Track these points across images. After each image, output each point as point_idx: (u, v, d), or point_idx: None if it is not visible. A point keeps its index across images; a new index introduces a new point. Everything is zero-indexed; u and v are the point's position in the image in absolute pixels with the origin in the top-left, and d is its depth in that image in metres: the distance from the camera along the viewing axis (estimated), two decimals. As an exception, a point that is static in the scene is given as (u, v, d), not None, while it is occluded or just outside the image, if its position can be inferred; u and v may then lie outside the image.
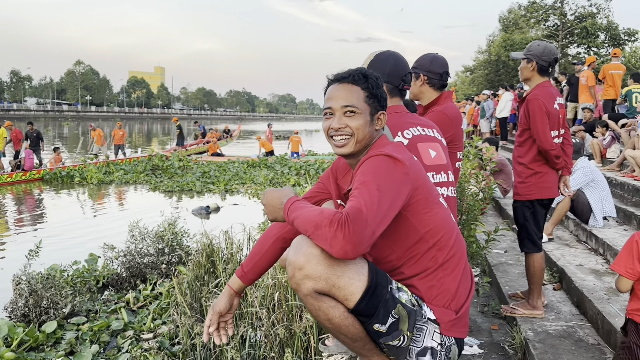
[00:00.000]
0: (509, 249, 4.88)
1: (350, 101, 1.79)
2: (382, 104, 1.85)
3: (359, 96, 1.80)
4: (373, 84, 1.82)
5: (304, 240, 1.65)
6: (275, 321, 3.13)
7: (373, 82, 1.82)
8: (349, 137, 1.81)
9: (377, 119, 1.84)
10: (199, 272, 4.24)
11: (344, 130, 1.80)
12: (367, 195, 1.59)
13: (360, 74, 1.83)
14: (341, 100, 1.80)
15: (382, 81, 1.86)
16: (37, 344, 3.98)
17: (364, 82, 1.81)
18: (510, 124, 15.59)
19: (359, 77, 1.82)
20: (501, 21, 45.35)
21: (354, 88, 1.81)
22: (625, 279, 2.10)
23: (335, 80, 1.85)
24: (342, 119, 1.80)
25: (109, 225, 9.03)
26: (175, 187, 13.13)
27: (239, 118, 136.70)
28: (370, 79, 1.82)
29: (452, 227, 1.81)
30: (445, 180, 2.16)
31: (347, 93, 1.81)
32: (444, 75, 2.66)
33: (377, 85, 1.83)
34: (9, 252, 7.41)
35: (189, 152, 21.65)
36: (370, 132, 1.82)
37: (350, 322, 1.67)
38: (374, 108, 1.82)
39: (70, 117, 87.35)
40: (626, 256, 2.10)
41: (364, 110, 1.80)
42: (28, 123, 17.09)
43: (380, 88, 1.83)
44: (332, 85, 1.86)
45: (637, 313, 2.10)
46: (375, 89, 1.82)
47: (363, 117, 1.80)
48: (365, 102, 1.80)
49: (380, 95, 1.83)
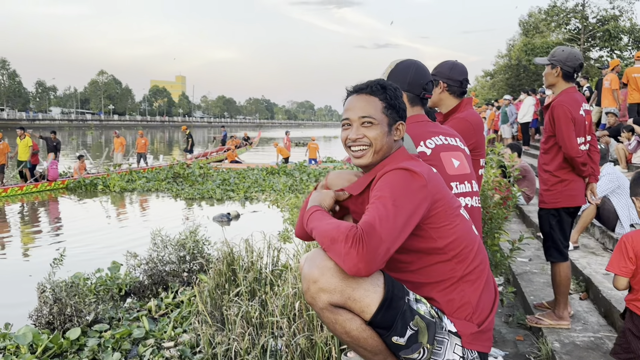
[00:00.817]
0: (533, 258, 4.80)
1: (368, 112, 1.80)
2: (401, 114, 1.84)
3: (376, 107, 1.80)
4: (391, 95, 1.82)
5: (318, 253, 1.65)
6: (296, 331, 3.11)
7: (391, 93, 1.82)
8: (366, 148, 1.81)
9: (395, 129, 1.83)
10: (219, 281, 4.25)
11: (362, 141, 1.81)
12: (382, 211, 1.58)
13: (379, 84, 1.83)
14: (359, 110, 1.81)
15: (400, 92, 1.86)
16: (61, 350, 4.02)
17: (382, 93, 1.81)
18: (532, 129, 15.39)
19: (377, 88, 1.82)
20: (521, 25, 44.89)
21: (371, 99, 1.81)
22: (620, 277, 2.30)
23: (354, 91, 1.86)
24: (359, 130, 1.81)
25: (132, 233, 9.12)
26: (195, 194, 13.24)
27: (258, 125, 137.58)
28: (388, 89, 1.82)
29: (473, 240, 1.78)
30: (469, 190, 2.12)
31: (364, 104, 1.81)
32: (464, 83, 2.63)
33: (396, 96, 1.83)
34: (34, 259, 7.53)
35: (209, 160, 21.82)
36: (389, 142, 1.82)
37: (369, 334, 1.65)
38: (392, 119, 1.82)
39: (93, 126, 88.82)
40: (618, 256, 2.31)
41: (382, 120, 1.80)
42: (51, 132, 17.33)
43: (398, 99, 1.83)
44: (350, 96, 1.87)
45: (633, 303, 2.31)
46: (394, 100, 1.82)
47: (380, 128, 1.80)
48: (383, 112, 1.80)
49: (398, 106, 1.83)
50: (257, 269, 4.25)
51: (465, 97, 2.66)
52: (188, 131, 23.61)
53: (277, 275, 4.25)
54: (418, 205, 1.63)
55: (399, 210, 1.59)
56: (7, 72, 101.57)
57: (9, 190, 13.42)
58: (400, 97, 1.84)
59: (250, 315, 3.51)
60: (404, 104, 1.86)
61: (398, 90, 1.85)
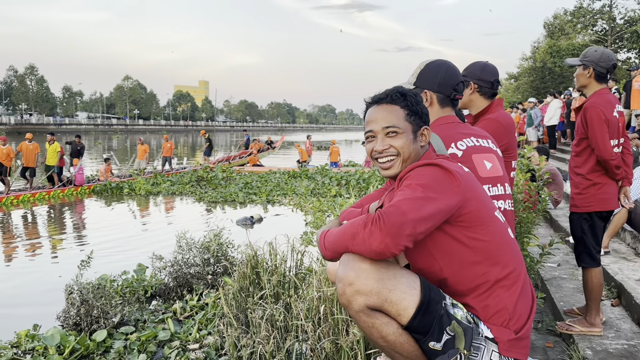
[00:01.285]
0: (562, 263, 4.69)
1: (391, 121, 1.77)
2: (424, 119, 1.81)
3: (399, 115, 1.77)
4: (412, 101, 1.79)
5: (352, 255, 1.61)
6: (321, 335, 3.08)
7: (412, 99, 1.79)
8: (394, 158, 1.78)
9: (420, 135, 1.80)
10: (244, 283, 4.25)
11: (389, 151, 1.78)
12: (408, 193, 1.56)
13: (398, 92, 1.80)
14: (381, 121, 1.78)
15: (421, 97, 1.83)
16: (88, 352, 4.07)
17: (402, 100, 1.78)
18: (559, 132, 15.13)
19: (396, 96, 1.79)
20: (546, 27, 44.29)
21: (393, 108, 1.78)
22: None
23: (374, 102, 1.83)
24: (384, 141, 1.78)
25: (157, 235, 9.22)
26: (219, 197, 13.35)
27: (279, 129, 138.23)
28: (408, 96, 1.79)
29: (507, 242, 1.72)
30: (502, 193, 2.07)
31: (386, 114, 1.78)
32: (495, 84, 2.58)
33: (417, 102, 1.80)
34: (63, 261, 7.65)
35: (232, 164, 21.98)
36: (415, 149, 1.79)
37: (405, 339, 1.61)
38: (415, 125, 1.79)
39: (119, 130, 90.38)
40: None
41: (406, 128, 1.77)
42: (76, 136, 17.61)
43: (419, 104, 1.80)
44: (370, 108, 1.84)
45: None
46: (415, 106, 1.79)
47: (406, 136, 1.77)
48: (406, 120, 1.78)
49: (420, 111, 1.80)
50: (281, 272, 4.24)
51: (496, 99, 2.61)
52: (207, 135, 23.94)
53: (301, 279, 4.24)
54: (447, 196, 1.59)
55: (427, 195, 1.56)
56: (35, 77, 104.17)
57: (37, 194, 13.72)
58: (421, 102, 1.82)
59: (275, 318, 3.50)
60: (425, 108, 1.83)
61: (418, 96, 1.82)
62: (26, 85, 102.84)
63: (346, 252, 1.63)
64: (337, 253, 1.67)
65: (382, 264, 1.60)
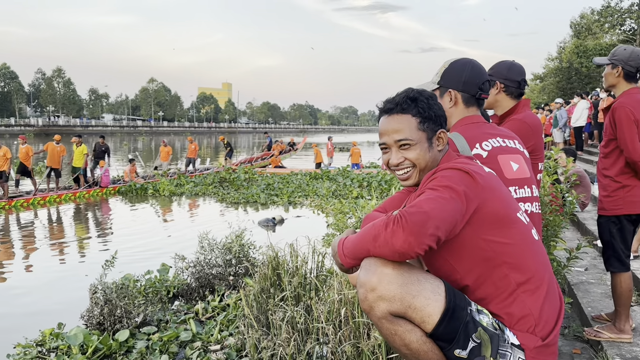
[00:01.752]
0: (589, 267, 4.58)
1: (404, 134, 1.72)
2: (440, 121, 1.75)
3: (411, 126, 1.72)
4: (424, 107, 1.72)
5: (373, 260, 1.56)
6: (342, 338, 3.06)
7: (424, 104, 1.72)
8: (410, 169, 1.75)
9: (437, 139, 1.75)
10: (265, 285, 4.24)
11: (404, 164, 1.74)
12: (428, 194, 1.53)
13: (408, 99, 1.73)
14: (394, 134, 1.74)
15: (434, 99, 1.76)
16: (110, 352, 4.10)
17: (413, 108, 1.72)
18: (586, 133, 14.83)
19: (407, 104, 1.73)
20: (572, 27, 43.50)
21: (404, 118, 1.73)
22: None
23: (385, 111, 1.77)
24: (398, 154, 1.74)
25: (180, 235, 9.30)
26: (241, 198, 13.42)
27: (301, 131, 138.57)
28: (419, 101, 1.73)
29: (530, 245, 1.66)
30: (528, 195, 2.01)
31: (398, 125, 1.73)
32: (522, 83, 2.52)
33: (429, 106, 1.73)
34: (89, 260, 7.77)
35: (255, 165, 22.09)
36: (432, 156, 1.74)
37: (429, 347, 1.55)
38: (430, 131, 1.73)
39: (144, 132, 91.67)
40: None
41: (420, 138, 1.72)
42: (100, 136, 17.87)
43: (433, 107, 1.73)
44: (382, 117, 1.79)
45: None
46: (428, 111, 1.72)
47: (420, 146, 1.72)
48: (419, 129, 1.72)
49: (435, 115, 1.73)
50: (302, 274, 4.22)
51: (523, 99, 2.55)
52: (226, 140, 24.28)
53: (322, 281, 4.21)
54: (468, 197, 1.54)
55: (448, 194, 1.52)
56: (62, 80, 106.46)
57: (63, 196, 13.99)
58: (434, 104, 1.74)
59: (296, 320, 3.48)
60: (440, 109, 1.76)
61: (431, 98, 1.75)
62: (54, 88, 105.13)
63: (367, 256, 1.58)
64: (357, 259, 1.62)
65: (405, 268, 1.55)
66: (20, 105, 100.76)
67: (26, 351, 4.15)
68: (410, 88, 1.80)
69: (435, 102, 1.76)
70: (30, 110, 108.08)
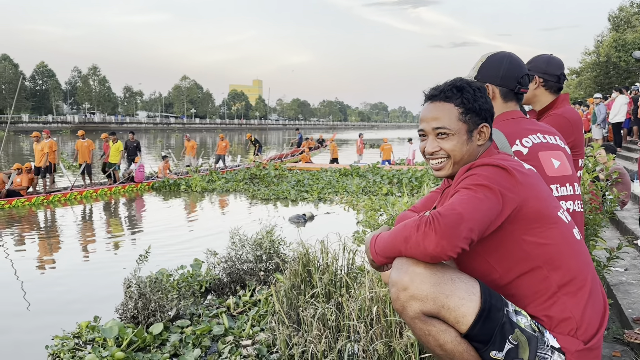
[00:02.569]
0: (630, 267, 4.43)
1: (442, 122, 1.66)
2: (484, 115, 1.68)
3: (451, 115, 1.66)
4: (469, 97, 1.66)
5: (406, 258, 1.53)
6: (373, 336, 3.03)
7: (469, 95, 1.66)
8: (444, 160, 1.69)
9: (478, 133, 1.68)
10: (295, 281, 4.25)
11: (439, 154, 1.69)
12: (464, 193, 1.48)
13: (454, 87, 1.67)
14: (432, 122, 1.68)
15: (483, 91, 1.69)
16: (145, 345, 4.17)
17: (457, 97, 1.66)
18: (625, 129, 14.38)
19: (451, 93, 1.67)
20: (611, 20, 42.17)
21: (446, 106, 1.67)
22: None
23: (428, 98, 1.73)
24: (434, 142, 1.69)
25: (211, 231, 9.40)
26: (271, 195, 13.49)
27: (331, 127, 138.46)
28: (465, 91, 1.66)
29: (571, 245, 1.59)
30: (570, 194, 1.94)
31: (438, 113, 1.67)
32: (561, 77, 2.44)
33: (475, 98, 1.66)
34: (123, 255, 7.93)
35: (285, 162, 22.18)
36: (470, 150, 1.67)
37: (464, 348, 1.51)
38: (472, 124, 1.67)
39: (176, 129, 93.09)
40: None
41: (459, 129, 1.66)
42: (129, 132, 18.03)
43: (479, 100, 1.67)
44: (425, 104, 1.74)
45: None
46: (472, 103, 1.65)
47: (457, 137, 1.66)
48: (459, 120, 1.66)
49: (480, 107, 1.66)
50: (333, 271, 4.21)
51: (562, 94, 2.47)
52: (253, 138, 24.53)
53: (353, 278, 4.19)
54: (505, 197, 1.49)
55: (484, 194, 1.47)
56: (98, 78, 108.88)
57: (99, 191, 14.33)
58: (481, 97, 1.68)
59: (327, 317, 3.47)
60: (487, 102, 1.68)
61: (478, 90, 1.68)
62: (89, 86, 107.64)
63: (399, 256, 1.56)
64: (388, 258, 1.60)
65: (438, 268, 1.51)
66: (57, 103, 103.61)
67: (64, 343, 4.25)
68: (460, 77, 1.75)
69: (483, 94, 1.70)
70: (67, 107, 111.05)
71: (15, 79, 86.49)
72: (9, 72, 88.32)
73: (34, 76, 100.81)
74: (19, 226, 10.46)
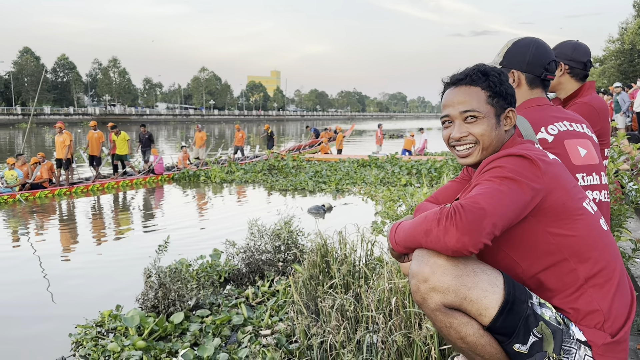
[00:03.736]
0: (655, 259, 4.33)
1: (470, 105, 1.62)
2: (509, 100, 1.64)
3: (479, 98, 1.62)
4: (495, 81, 1.62)
5: (426, 250, 1.50)
6: (392, 327, 3.01)
7: (495, 79, 1.62)
8: (473, 146, 1.64)
9: (505, 118, 1.64)
10: (313, 272, 4.25)
11: (467, 139, 1.64)
12: (485, 186, 1.44)
13: (479, 71, 1.63)
14: (459, 105, 1.63)
15: (505, 76, 1.65)
16: (166, 334, 4.22)
17: (484, 80, 1.62)
18: (650, 118, 14.03)
19: (477, 76, 1.62)
20: (636, 7, 41.17)
21: (473, 90, 1.63)
22: None
23: (451, 83, 1.68)
24: (462, 127, 1.64)
25: (230, 221, 9.46)
26: (289, 186, 13.52)
27: (349, 118, 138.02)
28: (491, 75, 1.62)
29: (598, 236, 1.54)
30: (597, 183, 1.88)
31: (465, 96, 1.63)
32: (587, 64, 2.38)
33: (501, 82, 1.62)
34: (142, 244, 8.03)
35: (303, 153, 22.19)
36: (498, 135, 1.63)
37: (487, 341, 1.48)
38: (499, 108, 1.62)
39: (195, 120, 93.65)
40: None
41: (488, 113, 1.61)
42: (141, 125, 17.91)
43: (504, 84, 1.63)
44: (448, 90, 1.69)
45: None
46: (499, 86, 1.62)
47: (487, 121, 1.61)
48: (487, 103, 1.61)
49: (505, 92, 1.63)
50: (351, 262, 4.20)
51: (587, 81, 2.41)
52: (270, 130, 23.87)
53: (371, 269, 4.18)
54: (530, 189, 1.45)
55: (508, 186, 1.43)
56: (118, 70, 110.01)
57: (121, 182, 14.52)
58: (505, 81, 1.64)
59: (345, 308, 3.47)
60: (511, 88, 1.64)
61: (502, 75, 1.64)
62: (110, 78, 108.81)
63: (419, 247, 1.53)
64: (408, 249, 1.58)
65: (460, 259, 1.47)
66: (78, 95, 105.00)
67: (86, 331, 4.33)
68: (482, 63, 1.70)
69: (506, 79, 1.66)
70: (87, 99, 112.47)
71: (37, 71, 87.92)
72: (30, 65, 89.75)
73: (55, 69, 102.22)
74: (42, 217, 10.66)
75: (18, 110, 76.37)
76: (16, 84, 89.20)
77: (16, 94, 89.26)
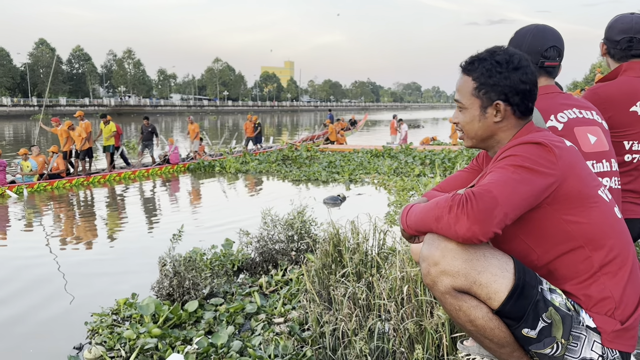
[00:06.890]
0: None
1: (458, 95, 1.68)
2: (502, 92, 1.59)
3: (467, 89, 1.65)
4: (484, 72, 1.60)
5: (437, 235, 1.52)
6: (404, 315, 3.03)
7: (484, 70, 1.60)
8: (462, 133, 1.72)
9: (493, 110, 1.62)
10: (326, 261, 4.28)
11: (459, 125, 1.71)
12: (498, 174, 1.44)
13: (477, 60, 1.63)
14: (455, 93, 1.70)
15: (505, 66, 1.59)
16: (180, 321, 4.28)
17: (476, 70, 1.63)
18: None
19: (472, 66, 1.64)
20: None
21: (465, 79, 1.66)
22: None
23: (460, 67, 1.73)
24: (456, 113, 1.71)
25: (244, 211, 9.53)
26: (302, 176, 13.56)
27: (363, 108, 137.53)
28: (481, 65, 1.61)
29: (613, 224, 1.54)
30: (607, 170, 1.87)
31: (459, 85, 1.69)
32: (621, 43, 2.19)
33: (490, 74, 1.59)
34: (157, 233, 8.13)
35: (317, 143, 22.21)
36: (484, 127, 1.64)
37: (496, 324, 1.50)
38: (486, 99, 1.62)
39: (210, 111, 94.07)
40: None
41: (471, 104, 1.64)
42: (144, 118, 17.68)
43: (494, 75, 1.59)
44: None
45: None
46: (487, 78, 1.59)
47: (469, 113, 1.66)
48: (472, 95, 1.63)
49: (494, 83, 1.59)
50: (363, 251, 4.21)
51: (626, 62, 2.22)
52: (258, 121, 21.69)
53: (384, 258, 4.19)
54: (544, 177, 1.44)
55: (521, 175, 1.43)
56: (132, 61, 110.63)
57: (137, 172, 14.69)
58: (499, 72, 1.58)
59: (357, 296, 3.49)
60: (506, 78, 1.58)
61: (500, 65, 1.59)
62: (124, 69, 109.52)
63: (429, 232, 1.55)
64: (419, 232, 1.60)
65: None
66: (93, 86, 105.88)
67: (102, 319, 4.40)
68: (495, 46, 1.67)
69: (503, 69, 1.60)
70: (103, 90, 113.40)
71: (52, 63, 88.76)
72: (46, 57, 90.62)
73: (70, 60, 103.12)
74: (59, 207, 10.82)
75: (34, 101, 77.11)
76: (32, 76, 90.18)
77: (32, 86, 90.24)
